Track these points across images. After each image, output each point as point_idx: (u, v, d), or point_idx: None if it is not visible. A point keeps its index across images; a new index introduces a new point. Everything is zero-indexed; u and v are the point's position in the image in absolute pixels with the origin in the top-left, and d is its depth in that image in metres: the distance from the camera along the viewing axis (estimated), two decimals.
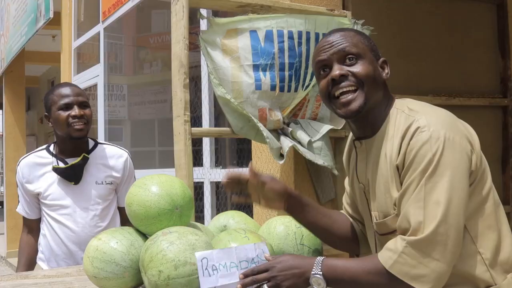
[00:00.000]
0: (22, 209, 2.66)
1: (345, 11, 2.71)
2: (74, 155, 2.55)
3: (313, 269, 1.45)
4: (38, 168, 2.58)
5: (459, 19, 3.73)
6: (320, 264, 1.45)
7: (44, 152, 2.62)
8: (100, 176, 2.60)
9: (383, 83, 1.59)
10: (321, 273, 1.44)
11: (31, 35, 7.54)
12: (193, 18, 2.34)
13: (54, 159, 2.57)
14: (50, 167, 2.56)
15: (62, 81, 7.35)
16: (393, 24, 3.39)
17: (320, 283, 1.44)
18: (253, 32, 2.36)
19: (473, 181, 1.43)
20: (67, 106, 2.49)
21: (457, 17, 3.71)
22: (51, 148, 2.62)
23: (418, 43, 3.53)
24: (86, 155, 2.56)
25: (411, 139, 1.41)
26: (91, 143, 2.65)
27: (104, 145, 2.69)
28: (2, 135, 10.50)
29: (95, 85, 6.58)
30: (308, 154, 2.44)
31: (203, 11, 2.34)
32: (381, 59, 1.63)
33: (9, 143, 9.61)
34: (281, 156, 2.39)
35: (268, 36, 2.37)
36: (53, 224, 2.56)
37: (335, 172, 2.64)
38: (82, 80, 6.95)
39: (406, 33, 3.48)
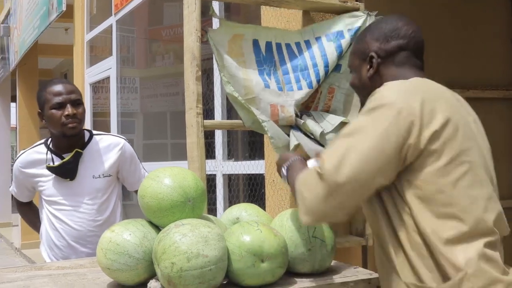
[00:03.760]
0: (13, 190, 2.75)
1: (358, 3, 2.69)
2: (70, 150, 2.53)
3: (285, 163, 1.77)
4: (36, 164, 2.58)
5: (473, 11, 3.70)
6: (290, 161, 1.76)
7: (42, 147, 2.60)
8: (97, 170, 2.58)
9: (373, 81, 1.69)
10: (286, 167, 1.75)
11: (44, 28, 7.57)
12: (205, 10, 2.33)
13: (50, 155, 2.55)
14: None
15: (75, 73, 7.39)
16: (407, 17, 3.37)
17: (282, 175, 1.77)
18: (255, 41, 2.40)
19: (418, 154, 1.42)
20: (60, 105, 2.46)
21: (470, 10, 3.68)
22: (49, 142, 2.61)
23: (432, 36, 3.49)
24: (79, 150, 2.53)
25: None
26: (86, 135, 2.62)
27: (99, 136, 2.66)
28: (16, 127, 10.57)
29: (108, 78, 6.61)
30: (312, 153, 2.43)
31: (216, 7, 2.33)
32: (369, 56, 1.71)
33: (23, 135, 9.67)
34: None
35: (268, 47, 2.42)
36: (52, 219, 2.57)
37: None
38: (95, 72, 6.99)
39: (420, 26, 3.45)
